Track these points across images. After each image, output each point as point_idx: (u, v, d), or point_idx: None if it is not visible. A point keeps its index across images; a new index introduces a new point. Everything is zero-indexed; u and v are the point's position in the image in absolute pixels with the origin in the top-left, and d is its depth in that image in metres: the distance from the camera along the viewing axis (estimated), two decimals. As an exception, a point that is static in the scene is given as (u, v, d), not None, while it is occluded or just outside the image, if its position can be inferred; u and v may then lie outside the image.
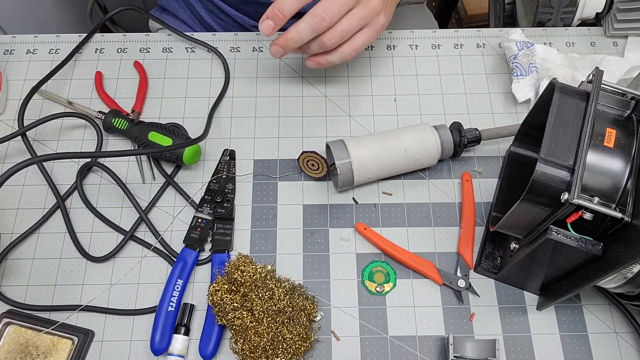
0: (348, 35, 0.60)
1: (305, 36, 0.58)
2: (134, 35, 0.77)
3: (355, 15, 0.59)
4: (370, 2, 0.59)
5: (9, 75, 0.73)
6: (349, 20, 0.58)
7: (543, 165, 0.46)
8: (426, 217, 0.65)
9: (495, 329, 0.59)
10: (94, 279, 0.62)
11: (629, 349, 0.58)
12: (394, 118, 0.71)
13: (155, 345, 0.57)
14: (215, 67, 0.74)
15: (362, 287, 0.61)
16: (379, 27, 0.61)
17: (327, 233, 0.64)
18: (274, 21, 0.57)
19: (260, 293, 0.56)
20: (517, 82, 0.70)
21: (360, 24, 0.60)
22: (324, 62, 0.62)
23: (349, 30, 0.59)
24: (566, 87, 0.50)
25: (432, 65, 0.74)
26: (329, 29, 0.58)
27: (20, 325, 0.58)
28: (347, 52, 0.61)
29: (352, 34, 0.60)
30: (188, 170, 0.67)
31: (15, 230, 0.64)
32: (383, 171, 0.63)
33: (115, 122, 0.67)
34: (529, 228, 0.52)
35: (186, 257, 0.61)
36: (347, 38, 0.60)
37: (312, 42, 0.59)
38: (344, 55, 0.61)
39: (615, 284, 0.51)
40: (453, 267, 0.62)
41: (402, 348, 0.58)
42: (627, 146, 0.48)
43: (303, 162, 0.64)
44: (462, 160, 0.68)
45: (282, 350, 0.54)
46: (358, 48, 0.61)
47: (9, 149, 0.69)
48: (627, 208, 0.46)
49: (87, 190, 0.66)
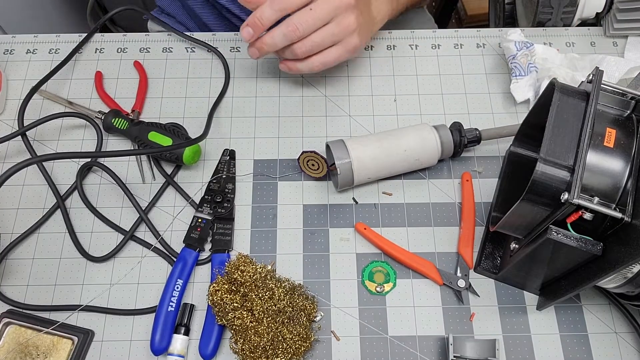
0: (318, 48, 0.62)
1: (278, 42, 0.61)
2: (134, 35, 0.77)
3: (327, 30, 0.61)
4: (344, 21, 0.62)
5: (9, 75, 0.73)
6: (320, 34, 0.61)
7: (543, 165, 0.46)
8: (426, 217, 0.65)
9: (495, 329, 0.59)
10: (94, 279, 0.62)
11: (629, 349, 0.58)
12: (394, 118, 0.71)
13: (155, 345, 0.57)
14: (215, 67, 0.74)
15: (362, 287, 0.61)
16: (350, 46, 0.64)
17: (327, 233, 0.64)
18: (253, 29, 0.61)
19: (260, 293, 0.56)
20: (516, 82, 0.70)
21: (331, 40, 0.62)
22: (294, 68, 0.65)
23: (319, 43, 0.62)
24: (566, 87, 0.50)
25: (432, 65, 0.74)
26: (301, 39, 0.61)
27: (20, 325, 0.58)
28: (315, 64, 0.64)
29: (323, 48, 0.63)
30: (188, 170, 0.67)
31: (15, 230, 0.64)
32: (383, 171, 0.63)
33: (115, 122, 0.67)
34: (529, 228, 0.52)
35: (186, 257, 0.61)
36: (317, 50, 0.63)
37: (285, 49, 0.63)
38: (312, 66, 0.64)
39: (615, 284, 0.51)
40: (453, 267, 0.62)
41: (402, 348, 0.58)
42: (627, 146, 0.48)
43: (303, 162, 0.64)
44: (462, 160, 0.68)
45: (282, 350, 0.54)
46: (327, 62, 0.64)
47: (9, 149, 0.69)
48: (627, 208, 0.46)
49: (87, 190, 0.66)
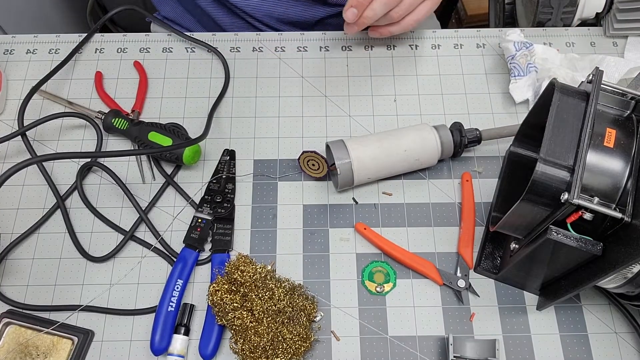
0: (412, 8, 0.66)
1: (379, 12, 0.64)
2: (134, 35, 0.77)
3: None
4: None
5: (9, 75, 0.73)
6: None
7: (543, 165, 0.46)
8: (426, 217, 0.65)
9: (495, 329, 0.59)
10: (94, 279, 0.62)
11: (629, 349, 0.58)
12: (394, 118, 0.71)
13: (155, 345, 0.57)
14: (215, 67, 0.74)
15: (362, 287, 0.61)
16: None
17: (327, 233, 0.64)
18: (358, 8, 0.63)
19: (260, 293, 0.56)
20: (515, 83, 0.70)
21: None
22: (386, 32, 0.68)
23: (413, 3, 0.65)
24: (566, 87, 0.50)
25: (432, 65, 0.74)
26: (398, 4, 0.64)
27: (20, 325, 0.58)
28: (410, 23, 0.67)
29: (416, 6, 0.66)
30: (188, 170, 0.67)
31: (15, 230, 0.64)
32: (383, 171, 0.63)
33: (115, 122, 0.67)
34: (529, 228, 0.52)
35: (186, 257, 0.61)
36: (411, 10, 0.66)
37: (382, 17, 0.65)
38: (406, 26, 0.67)
39: (615, 284, 0.51)
40: (453, 267, 0.62)
41: (402, 348, 0.58)
42: (627, 146, 0.48)
43: (304, 162, 0.64)
44: (462, 160, 0.68)
45: (282, 350, 0.54)
46: (420, 19, 0.67)
47: (9, 149, 0.69)
48: (627, 208, 0.46)
49: (87, 190, 0.66)
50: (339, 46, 0.76)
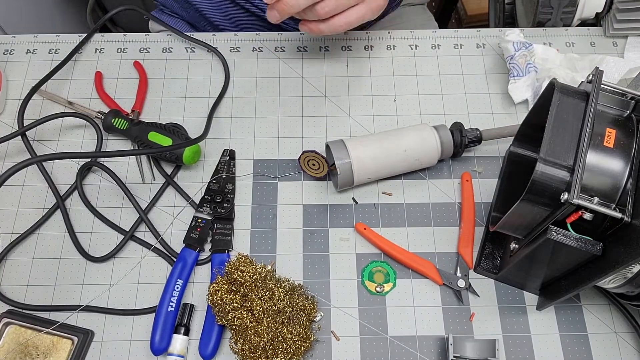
0: (342, 8, 0.60)
1: (302, 3, 0.58)
2: (134, 35, 0.77)
3: None
4: None
5: (9, 75, 0.73)
6: None
7: (543, 165, 0.46)
8: (426, 217, 0.65)
9: (495, 329, 0.59)
10: (94, 279, 0.62)
11: (628, 349, 0.58)
12: (393, 118, 0.71)
13: (155, 345, 0.57)
14: (215, 67, 0.74)
15: (362, 287, 0.61)
16: (374, 5, 0.62)
17: (327, 233, 0.64)
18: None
19: (260, 293, 0.56)
20: (514, 83, 0.70)
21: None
22: (316, 29, 0.62)
23: (343, 2, 0.60)
24: (566, 87, 0.50)
25: (432, 65, 0.74)
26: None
27: (20, 325, 0.58)
28: (338, 24, 0.61)
29: (347, 8, 0.61)
30: (188, 170, 0.67)
31: (15, 230, 0.64)
32: (383, 171, 0.63)
33: (115, 122, 0.67)
34: (529, 228, 0.52)
35: (186, 257, 0.61)
36: (340, 10, 0.61)
37: (307, 10, 0.60)
38: (335, 27, 0.62)
39: (615, 284, 0.51)
40: (453, 267, 0.62)
41: (402, 348, 0.58)
42: (627, 146, 0.48)
43: (304, 162, 0.64)
44: (462, 160, 0.68)
45: (282, 350, 0.54)
46: (350, 22, 0.62)
47: (9, 149, 0.69)
48: (626, 208, 0.46)
49: (87, 190, 0.66)
50: (339, 46, 0.76)
